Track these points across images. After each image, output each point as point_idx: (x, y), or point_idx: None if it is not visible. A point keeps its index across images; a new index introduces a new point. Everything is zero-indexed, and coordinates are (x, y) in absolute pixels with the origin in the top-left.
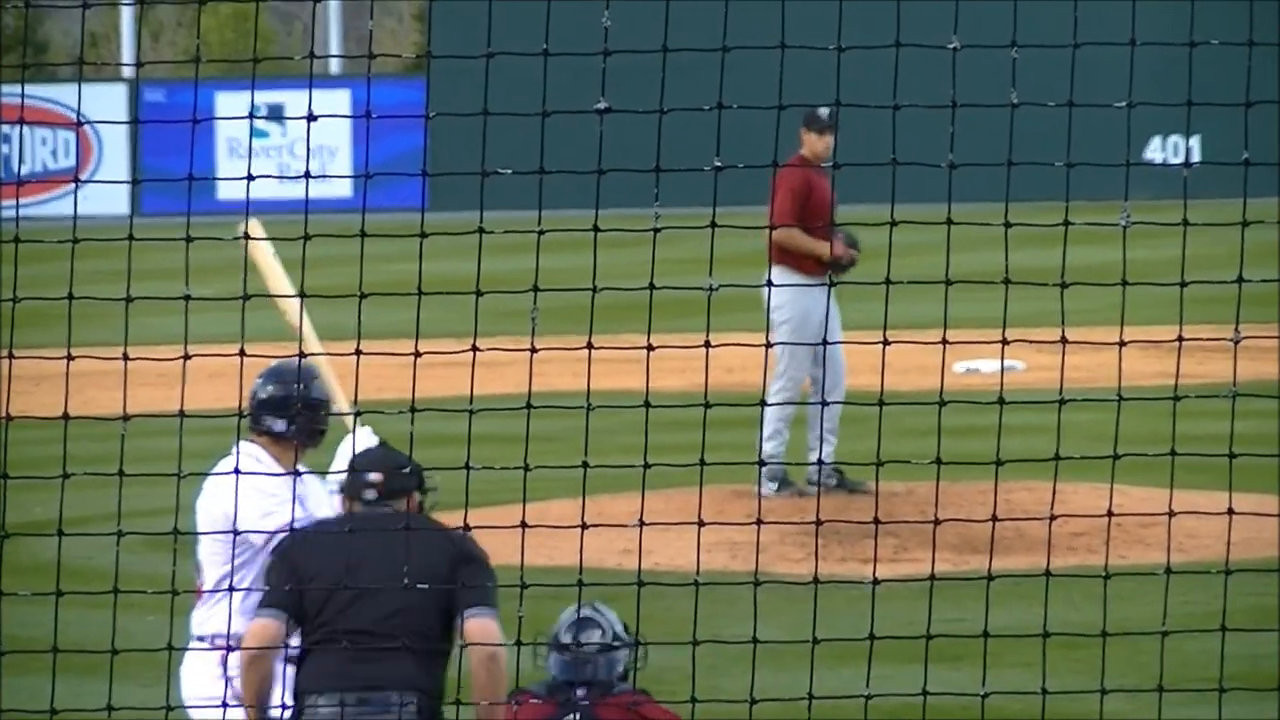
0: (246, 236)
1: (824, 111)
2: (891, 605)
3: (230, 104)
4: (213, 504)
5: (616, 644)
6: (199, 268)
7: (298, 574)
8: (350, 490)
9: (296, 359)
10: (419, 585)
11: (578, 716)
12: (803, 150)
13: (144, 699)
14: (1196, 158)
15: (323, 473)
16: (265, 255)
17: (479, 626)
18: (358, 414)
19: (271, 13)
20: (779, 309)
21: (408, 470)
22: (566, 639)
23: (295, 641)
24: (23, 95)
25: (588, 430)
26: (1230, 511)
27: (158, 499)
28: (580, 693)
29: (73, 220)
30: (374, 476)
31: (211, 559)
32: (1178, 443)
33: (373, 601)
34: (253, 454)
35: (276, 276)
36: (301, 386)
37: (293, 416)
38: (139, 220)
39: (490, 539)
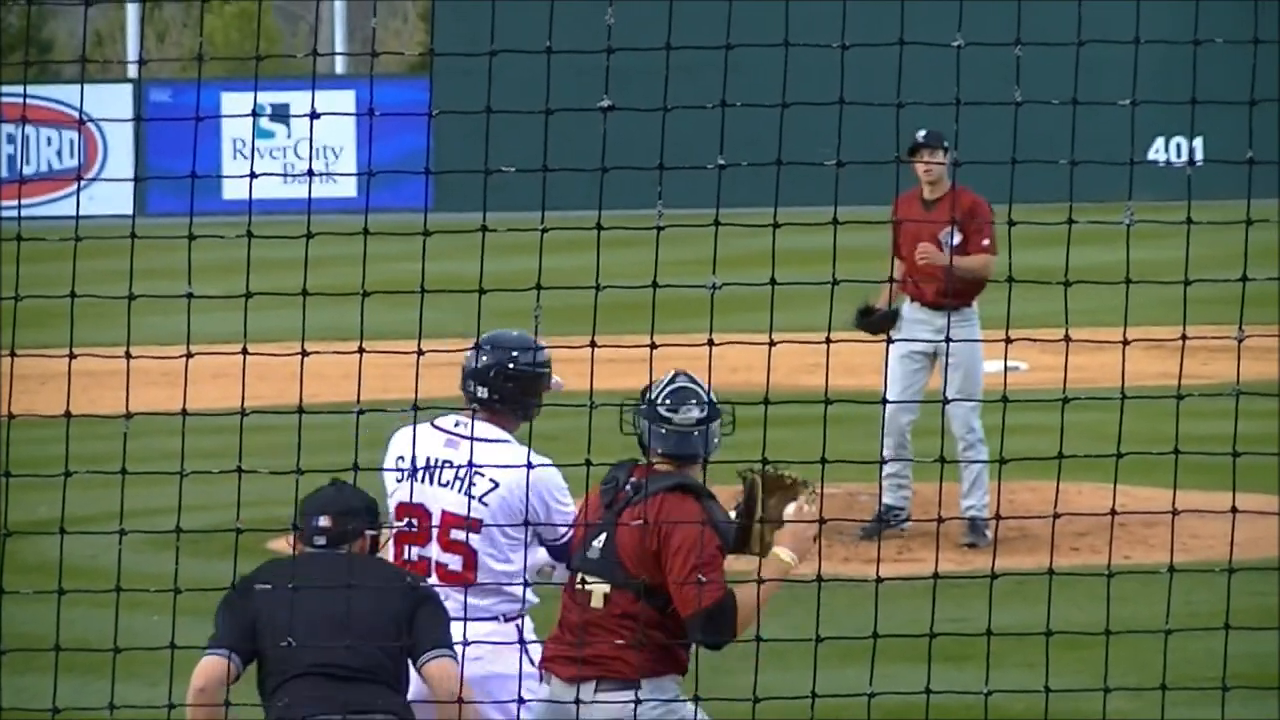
0: None
1: (919, 134)
2: (895, 604)
3: (235, 104)
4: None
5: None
6: (203, 267)
7: (249, 614)
8: (305, 535)
9: (512, 331)
10: (378, 619)
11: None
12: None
13: (148, 698)
14: (1200, 158)
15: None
16: None
17: (439, 669)
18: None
19: (277, 12)
20: (959, 351)
21: (358, 511)
22: (664, 410)
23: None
24: (25, 95)
25: (591, 429)
26: (1234, 511)
27: (161, 498)
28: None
29: (75, 220)
30: (324, 522)
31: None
32: (1181, 442)
33: (336, 638)
34: (470, 416)
35: None
36: (516, 356)
37: (498, 385)
38: (144, 220)
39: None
